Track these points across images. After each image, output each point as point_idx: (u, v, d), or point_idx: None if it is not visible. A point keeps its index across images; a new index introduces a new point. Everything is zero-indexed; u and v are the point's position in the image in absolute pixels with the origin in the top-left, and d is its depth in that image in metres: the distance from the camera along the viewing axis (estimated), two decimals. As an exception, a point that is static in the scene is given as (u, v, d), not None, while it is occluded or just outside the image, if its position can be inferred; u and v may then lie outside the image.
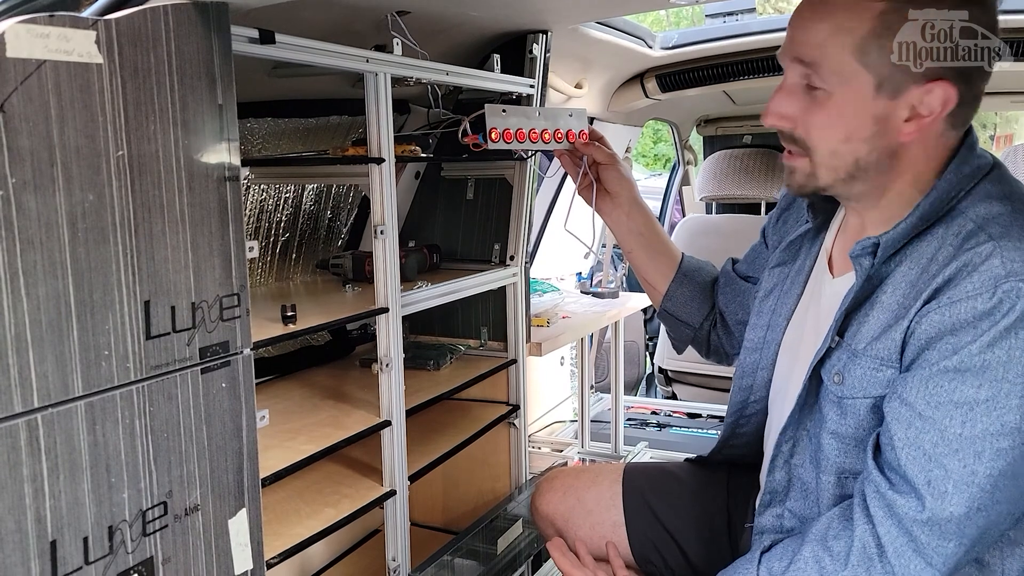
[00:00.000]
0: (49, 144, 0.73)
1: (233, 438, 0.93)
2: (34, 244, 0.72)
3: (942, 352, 0.90)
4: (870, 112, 0.95)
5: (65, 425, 0.75)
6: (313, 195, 1.75)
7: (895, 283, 0.97)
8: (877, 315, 0.98)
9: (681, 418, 2.90)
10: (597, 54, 2.10)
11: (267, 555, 1.05)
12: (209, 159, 0.89)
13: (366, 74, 1.24)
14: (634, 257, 1.46)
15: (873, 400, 0.98)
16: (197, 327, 0.88)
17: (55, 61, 0.73)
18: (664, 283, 1.44)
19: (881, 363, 0.97)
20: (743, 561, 1.07)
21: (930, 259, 0.95)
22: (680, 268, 1.43)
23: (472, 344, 1.82)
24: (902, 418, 0.92)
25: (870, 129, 0.96)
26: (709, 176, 3.45)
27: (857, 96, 0.95)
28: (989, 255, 0.89)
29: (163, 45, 0.82)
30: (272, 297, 1.52)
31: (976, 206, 0.94)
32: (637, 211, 1.42)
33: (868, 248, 0.98)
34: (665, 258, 1.44)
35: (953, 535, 0.90)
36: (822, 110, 0.97)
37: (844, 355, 1.01)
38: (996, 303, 0.87)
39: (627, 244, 1.44)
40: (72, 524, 0.76)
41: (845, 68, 0.94)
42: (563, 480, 1.46)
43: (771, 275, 1.24)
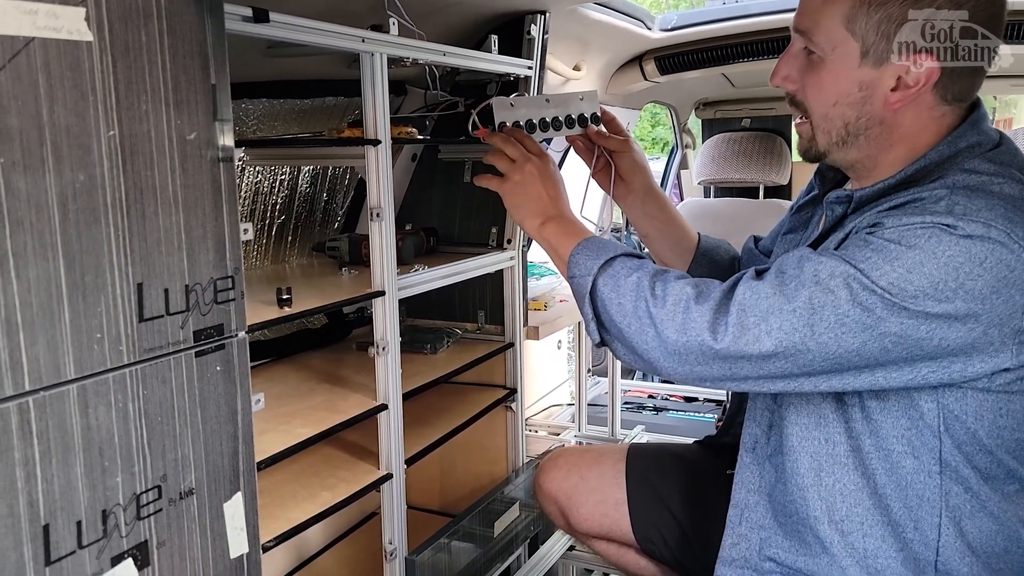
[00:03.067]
0: (38, 123, 0.71)
1: (228, 422, 0.93)
2: (24, 225, 0.70)
3: (857, 235, 0.96)
4: (856, 78, 1.00)
5: (57, 409, 0.74)
6: (309, 177, 1.73)
7: (856, 228, 1.01)
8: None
9: (678, 402, 2.90)
10: (595, 35, 2.08)
11: (263, 538, 1.05)
12: (202, 140, 0.87)
13: (362, 54, 1.22)
14: (651, 241, 1.45)
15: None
16: (191, 310, 0.87)
17: (44, 38, 0.71)
18: (682, 265, 1.43)
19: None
20: (607, 246, 1.12)
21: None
22: (699, 249, 1.43)
23: (469, 328, 1.82)
24: (779, 262, 0.97)
25: (856, 95, 1.01)
26: (707, 160, 3.44)
27: (844, 62, 1.00)
28: (939, 199, 0.92)
29: (154, 23, 0.81)
30: (268, 280, 1.51)
31: (956, 175, 0.97)
32: (652, 196, 1.41)
33: (842, 198, 1.05)
34: (682, 240, 1.44)
35: (749, 327, 0.93)
36: (815, 74, 1.03)
37: None
38: (921, 221, 0.90)
39: (643, 229, 1.44)
40: (65, 508, 0.75)
41: (835, 35, 0.99)
42: (567, 459, 1.46)
43: (784, 241, 1.25)
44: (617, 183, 1.39)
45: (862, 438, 1.00)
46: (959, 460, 0.97)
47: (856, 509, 1.02)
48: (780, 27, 2.18)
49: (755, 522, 1.11)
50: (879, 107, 1.00)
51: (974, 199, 0.91)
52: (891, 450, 0.99)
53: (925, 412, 0.96)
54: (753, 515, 1.12)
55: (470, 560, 1.57)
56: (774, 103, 3.36)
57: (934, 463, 0.98)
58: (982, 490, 0.98)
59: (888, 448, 0.99)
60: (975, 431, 0.96)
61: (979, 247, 0.87)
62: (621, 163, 1.38)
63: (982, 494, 0.98)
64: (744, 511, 1.13)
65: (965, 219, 0.88)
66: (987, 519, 0.99)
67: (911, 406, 0.97)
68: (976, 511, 0.99)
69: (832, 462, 1.03)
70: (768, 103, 3.38)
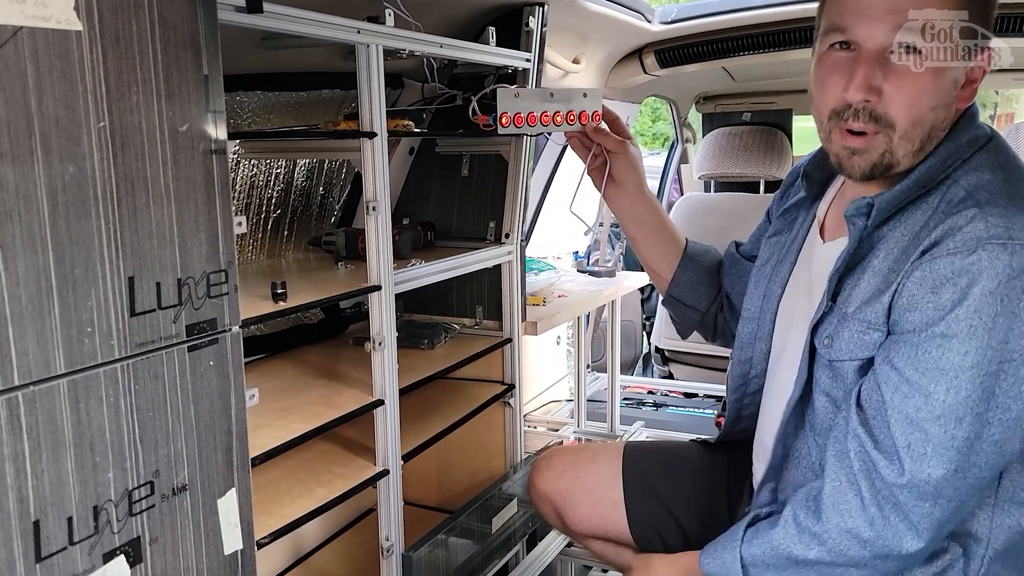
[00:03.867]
0: (27, 114, 0.70)
1: (221, 417, 0.92)
2: (12, 217, 0.69)
3: (926, 314, 0.91)
4: (953, 75, 0.96)
5: (47, 403, 0.73)
6: (305, 171, 1.72)
7: (887, 248, 0.98)
8: (868, 279, 0.99)
9: (678, 398, 2.89)
10: (595, 28, 2.07)
11: (258, 535, 1.04)
12: (194, 131, 0.86)
13: (358, 46, 1.21)
14: (637, 244, 1.45)
15: (861, 362, 1.00)
16: (183, 304, 0.86)
17: (32, 28, 0.70)
18: (668, 270, 1.43)
19: (868, 326, 0.98)
20: (728, 534, 1.08)
21: (922, 226, 0.96)
22: (685, 253, 1.42)
23: (467, 323, 1.81)
24: (890, 381, 0.94)
25: (951, 94, 0.97)
26: (708, 154, 3.43)
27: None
28: (973, 218, 0.90)
29: (145, 12, 0.80)
30: (263, 274, 1.50)
31: (969, 175, 0.95)
32: (641, 199, 1.40)
33: (863, 208, 0.98)
34: (668, 245, 1.43)
35: (930, 496, 0.92)
36: (912, 78, 0.94)
37: (835, 319, 1.02)
38: (975, 260, 0.88)
39: (631, 231, 1.43)
40: (56, 504, 0.75)
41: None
42: (561, 458, 1.45)
43: (768, 245, 1.24)
44: (609, 183, 1.39)
45: None
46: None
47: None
48: (781, 20, 2.16)
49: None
50: (952, 105, 0.98)
51: (998, 197, 0.91)
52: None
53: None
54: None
55: (467, 556, 1.57)
56: (775, 97, 3.34)
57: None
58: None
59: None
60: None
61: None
62: (616, 163, 1.37)
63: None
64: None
65: (1012, 242, 0.88)
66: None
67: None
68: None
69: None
70: (769, 97, 3.37)
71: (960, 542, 0.99)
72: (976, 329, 0.88)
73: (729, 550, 1.06)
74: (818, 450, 1.05)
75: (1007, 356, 0.88)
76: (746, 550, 1.04)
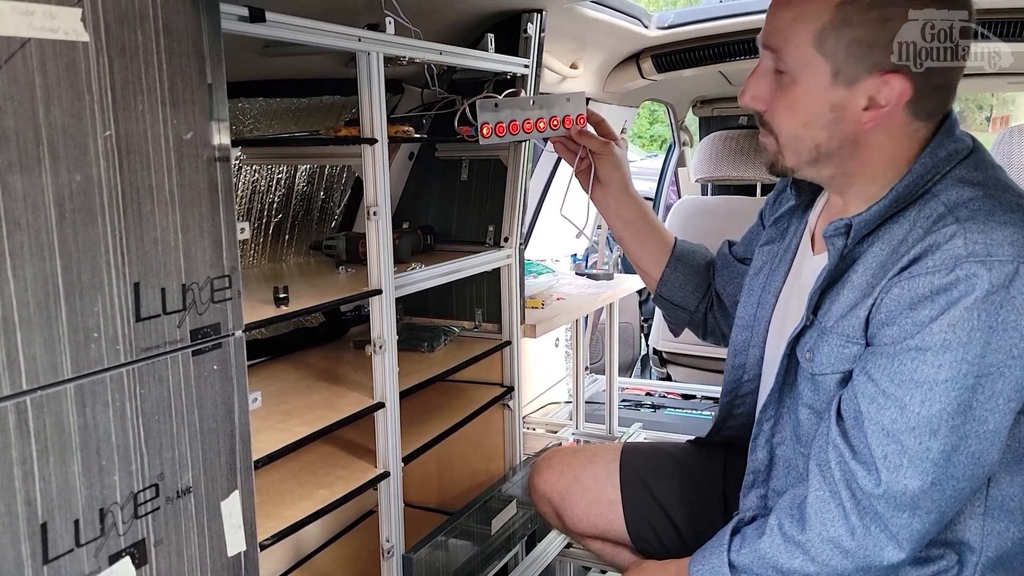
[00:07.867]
0: (35, 124, 0.71)
1: (225, 420, 0.93)
2: (20, 225, 0.71)
3: (904, 328, 0.92)
4: (827, 99, 0.98)
5: (54, 408, 0.74)
6: (306, 176, 1.73)
7: (866, 263, 0.99)
8: (847, 294, 1.00)
9: (676, 399, 2.90)
10: (592, 33, 2.08)
11: (260, 536, 1.05)
12: (198, 139, 0.87)
13: (358, 53, 1.22)
14: (625, 243, 1.46)
15: (841, 375, 1.01)
16: (188, 309, 0.87)
17: (40, 39, 0.71)
18: (656, 269, 1.44)
19: (847, 340, 0.99)
20: (714, 541, 1.10)
21: (901, 241, 0.97)
22: (673, 253, 1.44)
23: (466, 326, 1.82)
24: (866, 393, 0.95)
25: (827, 116, 0.99)
26: (705, 157, 3.44)
27: (815, 83, 0.98)
28: (953, 235, 0.91)
29: (150, 22, 0.81)
30: (265, 279, 1.51)
31: (948, 190, 0.96)
32: (627, 199, 1.42)
33: (841, 229, 1.01)
34: (656, 244, 1.45)
35: (908, 507, 0.93)
36: (785, 95, 1.01)
37: (815, 333, 1.04)
38: (953, 279, 0.89)
39: (617, 231, 1.45)
40: (63, 507, 0.76)
41: (804, 56, 0.97)
42: (560, 459, 1.47)
43: (761, 253, 1.25)
44: (595, 183, 1.40)
45: None
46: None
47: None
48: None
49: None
50: (851, 127, 0.99)
51: (978, 214, 0.92)
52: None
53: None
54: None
55: (467, 558, 1.58)
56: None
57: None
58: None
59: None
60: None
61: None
62: (600, 164, 1.39)
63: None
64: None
65: (990, 259, 0.88)
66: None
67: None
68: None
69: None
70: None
71: (955, 550, 1.00)
72: (951, 343, 0.89)
73: (717, 556, 1.07)
74: (803, 460, 1.07)
75: (984, 370, 0.89)
76: (735, 558, 1.06)
